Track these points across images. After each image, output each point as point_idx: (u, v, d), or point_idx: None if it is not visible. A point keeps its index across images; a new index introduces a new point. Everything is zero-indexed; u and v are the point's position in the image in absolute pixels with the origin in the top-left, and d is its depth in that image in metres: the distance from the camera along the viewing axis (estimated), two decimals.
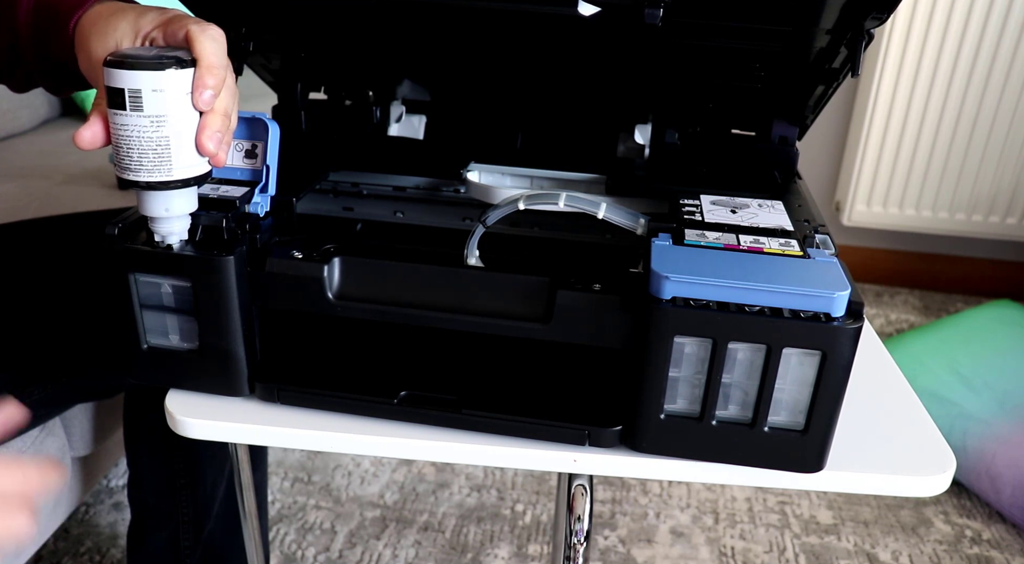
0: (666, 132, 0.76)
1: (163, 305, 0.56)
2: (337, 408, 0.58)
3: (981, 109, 1.83)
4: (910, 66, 1.80)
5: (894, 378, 0.65)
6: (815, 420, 0.50)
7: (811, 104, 0.72)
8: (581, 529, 0.64)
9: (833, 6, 0.55)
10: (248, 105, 0.60)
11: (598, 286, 0.52)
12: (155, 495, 0.94)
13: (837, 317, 0.47)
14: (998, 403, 1.41)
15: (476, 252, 0.57)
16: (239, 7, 0.67)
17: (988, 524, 1.36)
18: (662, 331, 0.49)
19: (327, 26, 0.71)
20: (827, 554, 1.28)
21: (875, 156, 1.89)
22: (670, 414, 0.52)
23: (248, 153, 0.61)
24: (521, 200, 0.57)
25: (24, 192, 1.22)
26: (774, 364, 0.48)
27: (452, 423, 0.56)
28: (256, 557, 0.84)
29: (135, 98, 0.49)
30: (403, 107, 0.84)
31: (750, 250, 0.52)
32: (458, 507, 1.36)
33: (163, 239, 0.54)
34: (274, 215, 0.61)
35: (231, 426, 0.57)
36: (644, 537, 1.30)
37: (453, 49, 0.74)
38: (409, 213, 0.70)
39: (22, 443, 0.84)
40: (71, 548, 1.24)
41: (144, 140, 0.50)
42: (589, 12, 0.56)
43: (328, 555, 1.25)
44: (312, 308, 0.56)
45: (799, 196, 0.65)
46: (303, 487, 1.39)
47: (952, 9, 1.74)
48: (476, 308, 0.54)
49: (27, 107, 1.59)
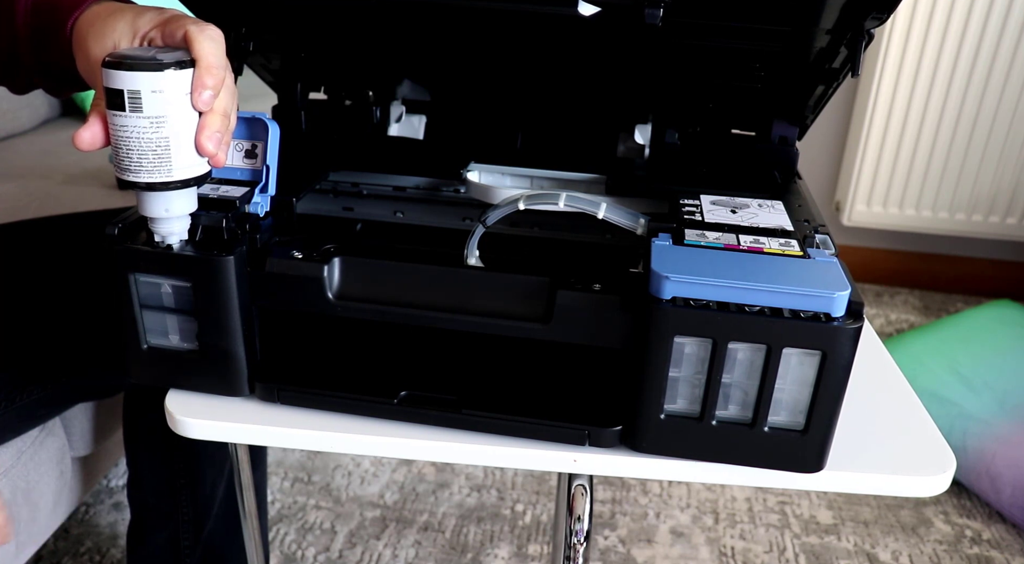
0: (666, 132, 0.76)
1: (163, 305, 0.56)
2: (337, 408, 0.58)
3: (981, 109, 1.82)
4: (910, 66, 1.80)
5: (894, 378, 0.65)
6: (815, 420, 0.50)
7: (811, 104, 0.72)
8: (581, 529, 0.64)
9: (833, 6, 0.55)
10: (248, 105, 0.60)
11: (598, 286, 0.52)
12: (155, 495, 0.94)
13: (837, 317, 0.47)
14: (998, 403, 1.41)
15: (476, 252, 0.57)
16: (239, 7, 0.67)
17: (988, 524, 1.36)
18: (662, 331, 0.49)
19: (327, 26, 0.71)
20: (827, 554, 1.28)
21: (875, 156, 1.89)
22: (670, 414, 0.52)
23: (248, 153, 0.61)
24: (521, 200, 0.57)
25: (24, 192, 1.22)
26: (774, 364, 0.48)
27: (452, 423, 0.56)
28: (256, 557, 0.84)
29: (134, 99, 0.49)
30: (403, 107, 0.84)
31: (750, 250, 0.52)
32: (458, 507, 1.36)
33: (163, 239, 0.54)
34: (274, 215, 0.61)
35: (231, 426, 0.57)
36: (644, 537, 1.30)
37: (453, 49, 0.74)
38: (409, 213, 0.70)
39: (22, 443, 0.84)
40: (71, 548, 1.24)
41: (144, 141, 0.50)
42: (589, 12, 0.56)
43: (328, 555, 1.25)
44: (312, 308, 0.56)
45: (799, 196, 0.65)
46: (303, 487, 1.39)
47: (952, 9, 1.74)
48: (476, 308, 0.54)
49: (27, 107, 1.59)
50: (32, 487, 0.86)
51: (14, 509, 0.83)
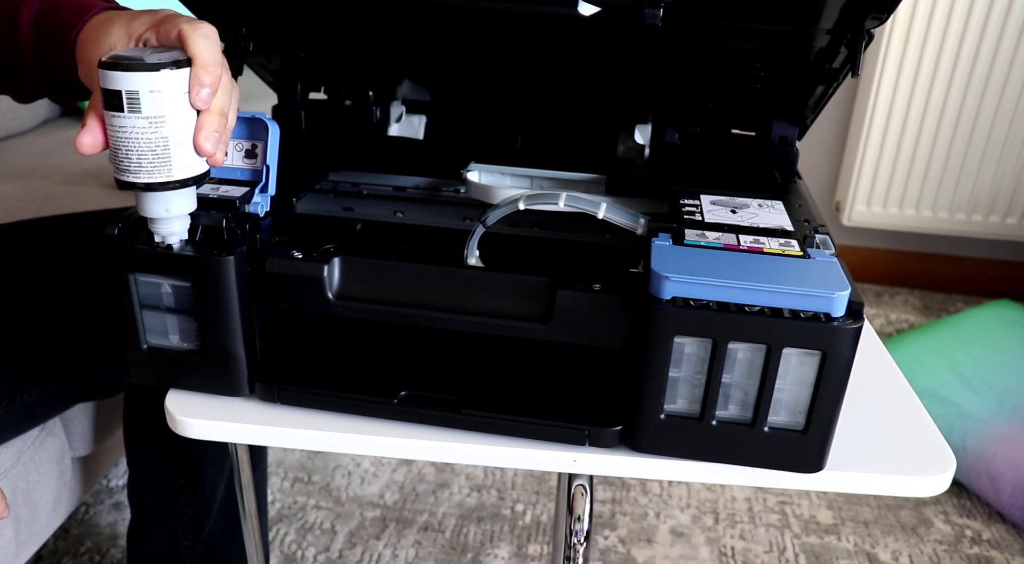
0: (666, 132, 0.76)
1: (163, 305, 0.56)
2: (337, 408, 0.58)
3: (981, 109, 1.82)
4: (910, 66, 1.80)
5: (894, 378, 0.65)
6: (815, 420, 0.50)
7: (811, 104, 0.72)
8: (581, 529, 0.64)
9: (833, 6, 0.55)
10: (248, 105, 0.60)
11: (598, 286, 0.52)
12: (155, 495, 0.94)
13: (837, 317, 0.47)
14: (998, 403, 1.41)
15: (476, 252, 0.57)
16: (239, 7, 0.67)
17: (988, 524, 1.36)
18: (662, 331, 0.49)
19: (327, 26, 0.71)
20: (827, 554, 1.28)
21: (875, 156, 1.89)
22: (670, 414, 0.52)
23: (248, 153, 0.61)
24: (521, 200, 0.57)
25: (24, 192, 1.22)
26: (774, 364, 0.48)
27: (452, 423, 0.56)
28: (256, 557, 0.84)
29: (132, 100, 0.49)
30: (403, 107, 0.84)
31: (750, 250, 0.52)
32: (458, 507, 1.36)
33: (163, 239, 0.54)
34: (274, 215, 0.61)
35: (231, 426, 0.57)
36: (644, 537, 1.30)
37: (453, 49, 0.74)
38: (409, 213, 0.70)
39: (22, 443, 0.84)
40: (71, 548, 1.24)
41: (143, 141, 0.50)
42: (589, 12, 0.56)
43: (328, 555, 1.25)
44: (312, 308, 0.56)
45: (799, 196, 0.65)
46: (303, 487, 1.39)
47: (952, 9, 1.74)
48: (476, 308, 0.54)
49: (27, 107, 1.59)
50: (32, 487, 0.86)
51: (14, 509, 0.83)
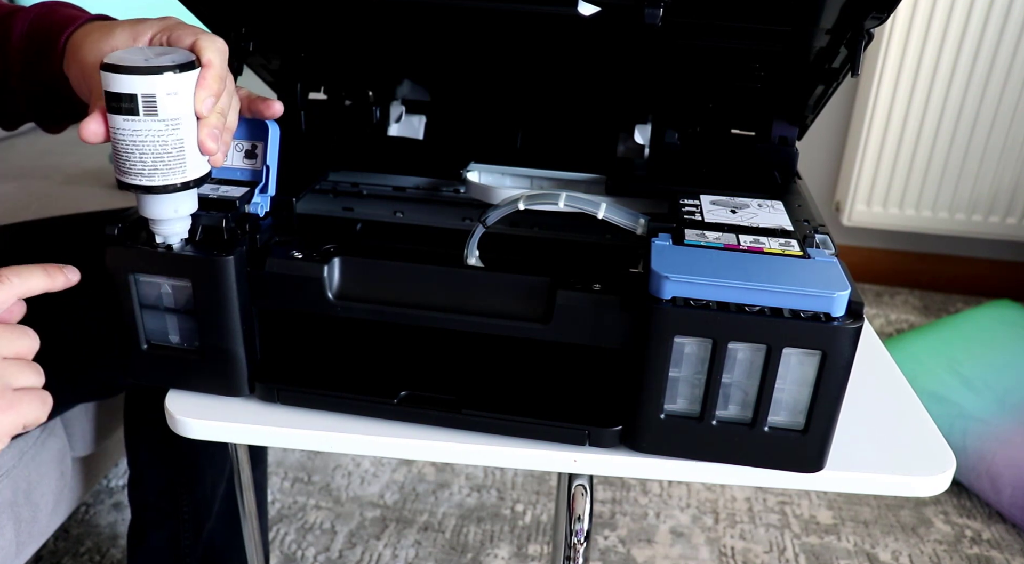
0: (666, 132, 0.76)
1: (163, 305, 0.56)
2: (337, 408, 0.58)
3: (981, 109, 1.82)
4: (910, 66, 1.80)
5: (894, 378, 0.65)
6: (815, 420, 0.50)
7: (811, 104, 0.72)
8: (581, 529, 0.64)
9: (833, 6, 0.55)
10: None
11: (598, 286, 0.52)
12: (155, 495, 0.94)
13: (837, 317, 0.47)
14: (998, 403, 1.41)
15: (476, 252, 0.57)
16: (239, 7, 0.67)
17: (988, 524, 1.36)
18: (662, 331, 0.49)
19: (327, 26, 0.71)
20: (827, 554, 1.28)
21: (875, 156, 1.89)
22: (670, 414, 0.52)
23: (248, 153, 0.61)
24: (521, 200, 0.57)
25: (24, 192, 1.22)
26: (774, 364, 0.48)
27: (452, 423, 0.56)
28: (256, 557, 0.84)
29: (149, 103, 0.48)
30: (403, 107, 0.84)
31: (750, 250, 0.52)
32: (458, 507, 1.36)
33: (164, 240, 0.54)
34: (274, 215, 0.61)
35: (231, 426, 0.57)
36: (644, 537, 1.30)
37: (453, 49, 0.74)
38: (409, 213, 0.70)
39: (23, 443, 0.84)
40: (71, 548, 1.24)
41: (159, 144, 0.49)
42: (589, 12, 0.56)
43: (328, 555, 1.25)
44: (312, 308, 0.56)
45: (799, 196, 0.65)
46: (303, 487, 1.39)
47: (952, 9, 1.74)
48: (476, 308, 0.54)
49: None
50: (33, 487, 0.86)
51: (15, 509, 0.83)
